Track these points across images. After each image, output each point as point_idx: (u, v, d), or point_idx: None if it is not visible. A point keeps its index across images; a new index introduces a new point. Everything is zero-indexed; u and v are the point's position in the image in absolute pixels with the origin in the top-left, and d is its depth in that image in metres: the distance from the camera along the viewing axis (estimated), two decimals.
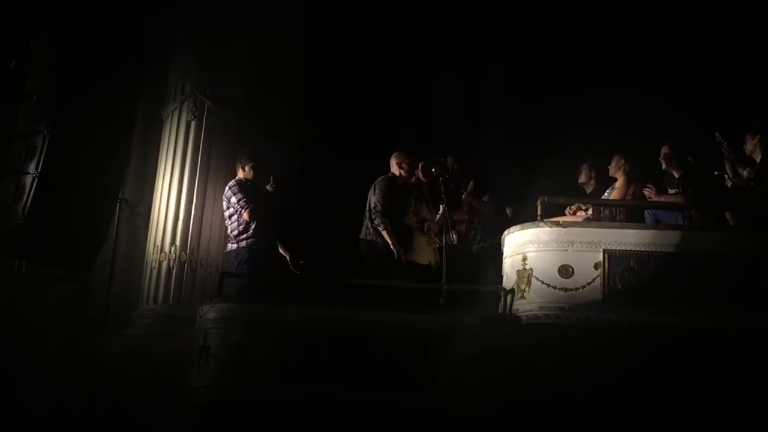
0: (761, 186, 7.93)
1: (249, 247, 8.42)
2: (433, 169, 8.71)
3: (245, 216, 8.44)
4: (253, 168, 8.76)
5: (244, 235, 8.47)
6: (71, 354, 9.15)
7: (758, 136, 8.24)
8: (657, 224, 7.83)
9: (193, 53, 9.53)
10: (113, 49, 8.76)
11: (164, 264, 9.05)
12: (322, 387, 7.14)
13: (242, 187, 8.64)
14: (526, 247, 7.52)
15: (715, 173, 8.52)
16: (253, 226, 8.47)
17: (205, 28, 9.62)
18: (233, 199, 8.56)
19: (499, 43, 11.90)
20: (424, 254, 8.58)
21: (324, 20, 10.96)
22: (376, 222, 8.36)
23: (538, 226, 7.51)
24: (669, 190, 8.29)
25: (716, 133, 8.44)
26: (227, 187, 8.70)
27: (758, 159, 8.18)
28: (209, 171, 9.33)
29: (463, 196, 9.09)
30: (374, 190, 8.54)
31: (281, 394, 7.15)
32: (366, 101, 10.93)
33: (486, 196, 9.36)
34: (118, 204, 9.15)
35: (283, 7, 10.38)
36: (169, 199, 9.23)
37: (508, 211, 9.26)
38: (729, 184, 8.45)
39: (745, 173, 8.30)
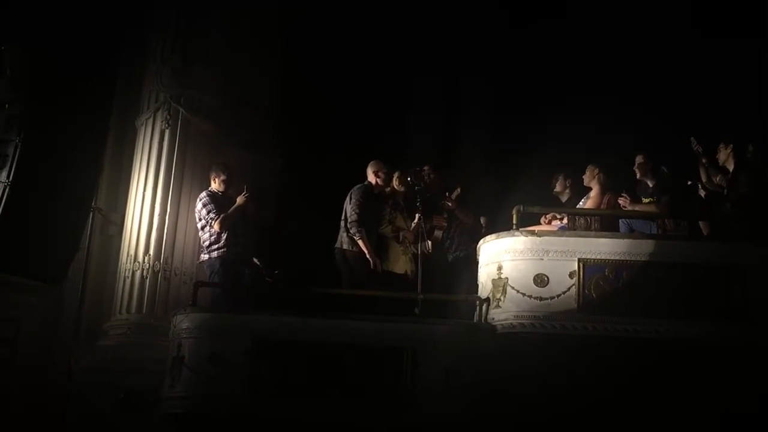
0: (734, 195, 7.99)
1: (221, 257, 8.39)
2: (409, 178, 8.71)
3: (216, 227, 8.41)
4: (225, 180, 8.72)
5: (216, 246, 8.44)
6: (43, 364, 9.05)
7: (731, 145, 8.31)
8: (631, 233, 7.86)
9: (168, 61, 9.46)
10: (86, 57, 8.72)
11: (138, 273, 8.96)
12: (296, 398, 7.12)
13: (212, 198, 8.60)
14: (501, 256, 7.53)
15: (689, 183, 8.58)
16: (224, 237, 8.43)
17: (179, 36, 9.57)
18: (203, 211, 8.53)
19: (475, 52, 11.95)
20: (400, 263, 8.58)
21: (300, 30, 10.96)
22: (351, 231, 8.34)
23: (514, 235, 7.52)
24: (643, 199, 8.33)
25: (692, 138, 8.52)
26: (198, 199, 8.67)
27: (731, 168, 8.24)
28: (183, 180, 9.25)
29: (446, 201, 9.06)
30: (350, 199, 8.53)
31: (255, 406, 7.12)
32: (342, 110, 10.94)
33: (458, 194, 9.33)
34: (91, 213, 9.11)
35: (258, 17, 10.37)
36: (143, 208, 9.15)
37: (482, 220, 9.26)
38: (702, 193, 8.51)
39: (717, 180, 8.37)
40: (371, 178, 8.72)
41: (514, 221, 7.61)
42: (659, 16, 11.01)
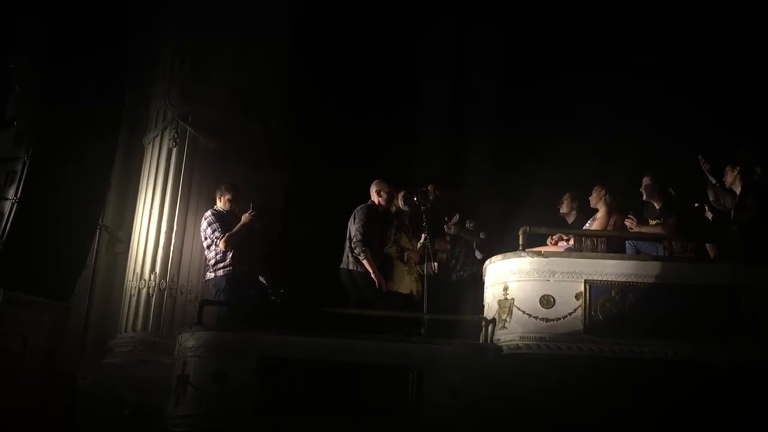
0: (741, 217, 7.97)
1: (227, 276, 8.38)
2: (415, 198, 8.70)
3: (221, 246, 8.41)
4: (230, 199, 8.73)
5: (221, 264, 8.43)
6: (49, 382, 9.04)
7: (738, 167, 8.30)
8: (638, 255, 7.85)
9: (176, 80, 9.51)
10: (95, 75, 8.75)
11: (144, 291, 8.97)
12: (302, 417, 7.09)
13: (217, 217, 8.60)
14: (507, 277, 7.53)
15: (696, 205, 8.57)
16: (230, 255, 8.43)
17: (188, 54, 9.61)
18: (208, 230, 8.53)
19: (483, 72, 11.96)
20: (405, 283, 8.57)
21: (307, 48, 10.99)
22: (356, 251, 8.34)
23: (520, 256, 7.53)
24: (650, 220, 8.32)
25: (700, 157, 8.51)
26: (203, 218, 8.68)
27: (738, 190, 8.23)
28: (190, 198, 9.27)
29: (446, 227, 9.06)
30: (354, 218, 8.53)
31: (260, 425, 7.10)
32: (348, 128, 10.96)
33: (471, 223, 9.32)
34: (98, 230, 9.10)
35: (265, 35, 10.40)
36: (150, 226, 9.17)
37: (482, 234, 9.21)
38: (709, 215, 8.50)
39: (724, 202, 8.36)
40: (374, 197, 8.73)
41: (521, 242, 7.62)
42: (675, 31, 11.00)
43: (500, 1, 11.80)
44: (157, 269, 8.99)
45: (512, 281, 7.48)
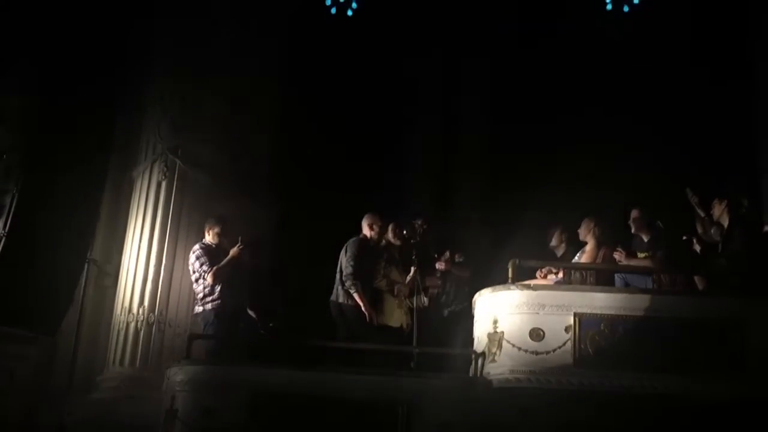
0: (728, 250, 8.00)
1: (215, 309, 8.35)
2: (405, 231, 8.73)
3: (209, 279, 8.38)
4: (219, 232, 8.71)
5: (210, 298, 8.40)
6: (35, 417, 8.97)
7: (725, 200, 8.33)
8: (627, 288, 7.85)
9: (165, 114, 9.53)
10: (85, 109, 8.78)
11: (132, 325, 8.93)
12: None
13: (206, 251, 8.58)
14: (497, 310, 7.51)
15: (684, 237, 8.60)
16: (218, 289, 8.40)
17: (177, 88, 9.65)
18: (196, 264, 8.51)
19: (472, 108, 12.02)
20: (396, 316, 8.55)
21: (296, 81, 11.05)
22: (347, 284, 8.33)
23: (509, 289, 7.51)
24: (638, 253, 8.34)
25: (688, 189, 8.55)
26: (191, 252, 8.65)
27: (725, 224, 8.26)
28: (179, 232, 9.27)
29: (437, 264, 9.07)
30: (345, 252, 8.53)
31: None
32: (338, 162, 10.99)
33: (460, 257, 9.33)
34: (87, 264, 9.08)
35: (254, 69, 10.45)
36: (138, 260, 9.15)
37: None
38: (697, 248, 8.52)
39: (712, 233, 8.38)
40: (366, 230, 8.73)
41: (510, 275, 7.61)
42: (656, 62, 11.13)
43: (491, 32, 11.88)
44: (146, 303, 8.97)
45: (502, 314, 7.46)
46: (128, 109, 9.86)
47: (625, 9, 11.84)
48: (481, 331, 7.63)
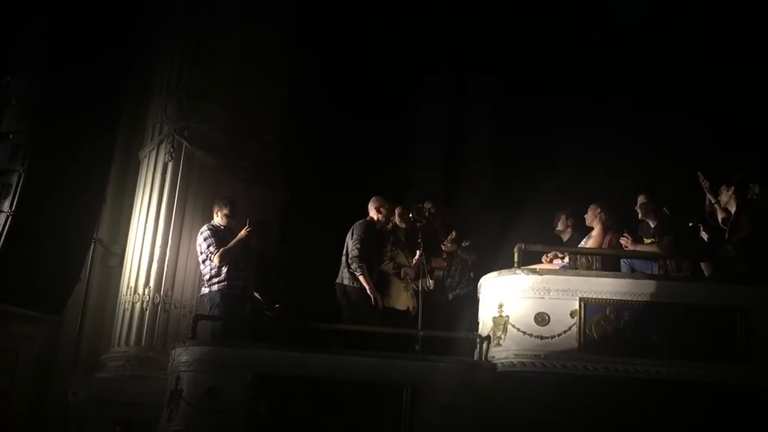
0: (736, 237, 7.98)
1: (221, 290, 8.34)
2: (411, 215, 8.72)
3: (216, 261, 8.38)
4: (227, 214, 8.70)
5: (216, 279, 8.40)
6: (41, 396, 9.00)
7: (733, 187, 8.30)
8: (633, 273, 7.84)
9: (172, 94, 9.50)
10: (92, 89, 8.76)
11: (137, 306, 8.94)
12: None
13: (214, 232, 8.57)
14: (502, 294, 7.52)
15: (690, 224, 8.57)
16: (225, 270, 8.39)
17: (184, 68, 9.62)
18: (204, 245, 8.50)
19: (480, 86, 11.99)
20: (401, 299, 8.56)
21: (305, 63, 11.01)
22: (352, 267, 8.33)
23: (515, 274, 7.52)
24: (645, 239, 8.32)
25: (699, 173, 8.51)
26: (199, 233, 8.64)
27: (733, 210, 8.24)
28: (185, 213, 9.25)
29: (443, 244, 9.05)
30: (352, 234, 8.53)
31: None
32: (346, 144, 10.97)
33: (467, 242, 9.32)
34: (93, 244, 9.09)
35: (262, 50, 10.42)
36: (144, 240, 9.14)
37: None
38: (704, 234, 8.50)
39: (720, 219, 8.36)
40: (373, 213, 8.73)
41: (516, 259, 7.61)
42: (676, 42, 11.04)
43: (502, 10, 11.83)
44: (152, 283, 8.97)
45: (507, 298, 7.47)
46: (135, 89, 9.83)
47: None
48: (486, 315, 7.63)
